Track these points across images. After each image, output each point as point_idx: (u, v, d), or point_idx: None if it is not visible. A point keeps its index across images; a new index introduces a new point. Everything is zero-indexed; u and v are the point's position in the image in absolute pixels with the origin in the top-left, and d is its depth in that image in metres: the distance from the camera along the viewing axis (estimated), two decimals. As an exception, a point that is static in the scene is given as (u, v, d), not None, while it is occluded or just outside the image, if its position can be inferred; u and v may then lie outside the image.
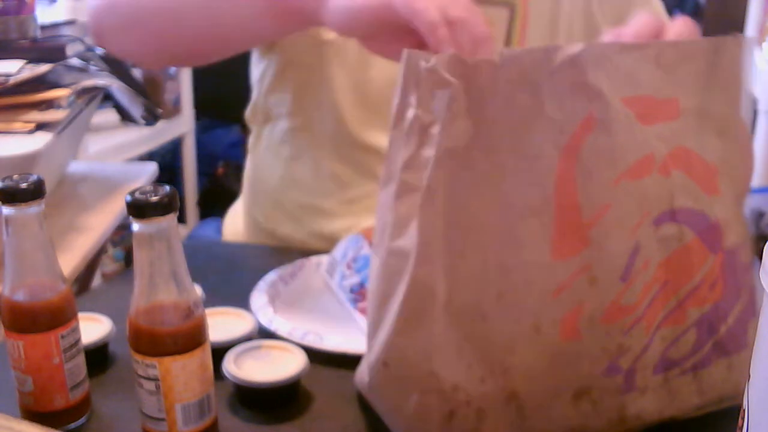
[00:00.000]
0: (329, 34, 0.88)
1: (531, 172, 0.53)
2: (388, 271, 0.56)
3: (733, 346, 0.60)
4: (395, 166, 0.56)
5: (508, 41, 0.89)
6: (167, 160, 2.46)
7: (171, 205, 0.53)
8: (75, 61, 1.11)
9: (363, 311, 0.76)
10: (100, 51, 1.15)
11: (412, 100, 0.55)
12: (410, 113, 0.55)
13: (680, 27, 0.62)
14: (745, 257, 0.61)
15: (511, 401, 0.55)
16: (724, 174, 0.59)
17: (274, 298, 0.79)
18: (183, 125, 2.36)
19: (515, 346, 0.54)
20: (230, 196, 1.10)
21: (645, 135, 0.56)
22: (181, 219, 2.42)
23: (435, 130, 0.53)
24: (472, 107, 0.52)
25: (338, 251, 0.83)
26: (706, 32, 0.62)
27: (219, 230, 1.19)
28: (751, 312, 0.61)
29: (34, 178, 0.57)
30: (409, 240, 0.55)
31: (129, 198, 0.53)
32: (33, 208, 0.58)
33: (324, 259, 0.86)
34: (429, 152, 0.54)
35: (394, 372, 0.56)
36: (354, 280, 0.79)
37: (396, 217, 0.56)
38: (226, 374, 0.64)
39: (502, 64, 0.52)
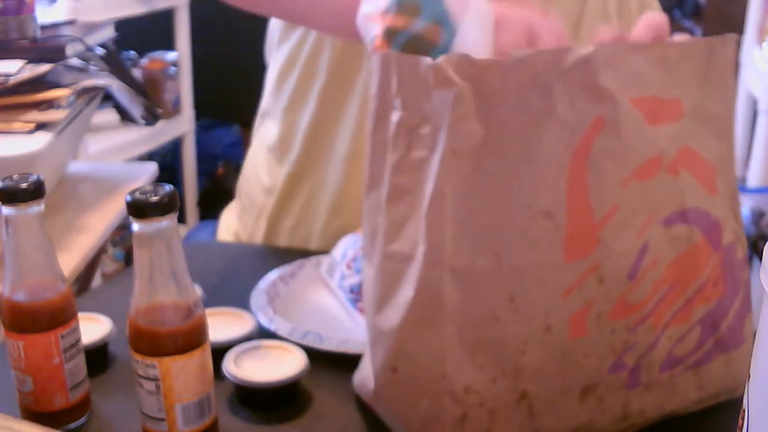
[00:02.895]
0: None
1: (543, 174, 0.53)
2: (385, 275, 0.56)
3: (732, 342, 0.61)
4: (382, 170, 0.56)
5: None
6: (167, 160, 2.45)
7: (171, 205, 0.53)
8: (75, 61, 1.11)
9: (363, 311, 0.76)
10: (100, 51, 1.15)
11: (397, 102, 0.55)
12: (395, 116, 0.55)
13: (649, 23, 0.60)
14: (740, 254, 0.61)
15: (522, 401, 0.55)
16: (720, 173, 0.60)
17: (274, 298, 0.79)
18: (183, 125, 2.35)
19: (527, 347, 0.54)
20: (230, 197, 1.10)
21: (652, 135, 0.56)
22: (181, 219, 2.42)
23: (425, 130, 0.54)
24: (482, 109, 0.52)
25: (338, 251, 0.83)
26: (706, 32, 0.62)
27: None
28: (748, 308, 0.62)
29: (34, 178, 0.57)
30: (407, 243, 0.55)
31: (129, 198, 0.53)
32: (33, 208, 0.58)
33: (324, 259, 0.86)
34: (420, 153, 0.54)
35: (404, 377, 0.56)
36: (354, 279, 0.79)
37: (389, 221, 0.56)
38: (226, 374, 0.64)
39: (513, 65, 0.52)
